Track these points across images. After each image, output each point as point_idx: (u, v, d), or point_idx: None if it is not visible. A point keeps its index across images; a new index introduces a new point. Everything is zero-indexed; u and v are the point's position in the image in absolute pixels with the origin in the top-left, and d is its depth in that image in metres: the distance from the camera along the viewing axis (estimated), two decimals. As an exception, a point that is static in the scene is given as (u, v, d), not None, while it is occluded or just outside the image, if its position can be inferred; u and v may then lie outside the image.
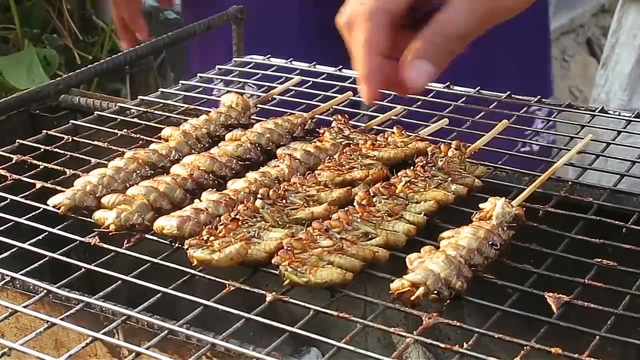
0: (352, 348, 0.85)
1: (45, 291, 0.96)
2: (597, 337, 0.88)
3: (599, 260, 1.00)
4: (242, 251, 0.96)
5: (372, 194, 1.07)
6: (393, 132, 1.25)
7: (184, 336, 0.89)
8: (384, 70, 1.05)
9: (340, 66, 1.56)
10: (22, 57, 2.42)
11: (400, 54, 1.06)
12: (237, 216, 1.02)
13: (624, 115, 1.37)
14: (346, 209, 1.04)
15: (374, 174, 1.13)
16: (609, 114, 1.38)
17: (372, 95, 1.02)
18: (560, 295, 0.93)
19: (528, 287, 0.96)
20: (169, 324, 0.90)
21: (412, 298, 0.91)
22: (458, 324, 0.89)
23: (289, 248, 0.96)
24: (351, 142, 1.22)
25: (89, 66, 1.61)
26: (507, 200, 1.06)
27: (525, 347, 0.86)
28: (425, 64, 1.05)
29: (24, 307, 0.92)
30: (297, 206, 1.06)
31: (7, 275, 0.98)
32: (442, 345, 0.86)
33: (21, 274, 0.98)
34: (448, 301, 0.92)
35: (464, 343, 0.87)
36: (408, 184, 1.10)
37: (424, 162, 1.15)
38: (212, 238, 0.99)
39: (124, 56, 1.65)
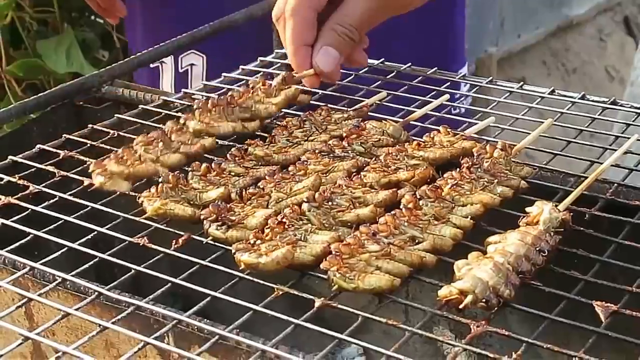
0: (402, 358, 0.86)
1: (96, 293, 0.97)
2: (646, 348, 0.88)
3: (649, 267, 0.99)
4: (289, 255, 0.97)
5: (418, 197, 1.07)
6: (439, 131, 1.25)
7: (234, 341, 0.90)
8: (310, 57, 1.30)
9: (383, 59, 1.57)
10: (62, 41, 2.43)
11: None
12: (284, 219, 1.02)
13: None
14: (393, 212, 1.04)
15: (420, 175, 1.13)
16: (654, 111, 1.37)
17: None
18: (608, 304, 0.93)
19: (575, 294, 0.96)
20: (219, 329, 0.91)
21: (460, 306, 0.91)
22: (507, 333, 0.90)
23: (337, 253, 0.96)
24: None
25: (131, 57, 1.62)
26: (554, 205, 1.06)
27: (574, 358, 0.87)
28: (329, 50, 1.30)
29: (76, 309, 0.93)
30: (343, 208, 1.07)
31: (58, 276, 0.99)
32: (491, 355, 0.86)
33: (72, 275, 0.99)
34: (495, 309, 0.93)
35: (512, 353, 0.87)
36: (454, 186, 1.10)
37: (470, 163, 1.14)
38: (259, 242, 0.99)
39: (165, 47, 1.66)
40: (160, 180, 1.11)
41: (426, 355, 1.39)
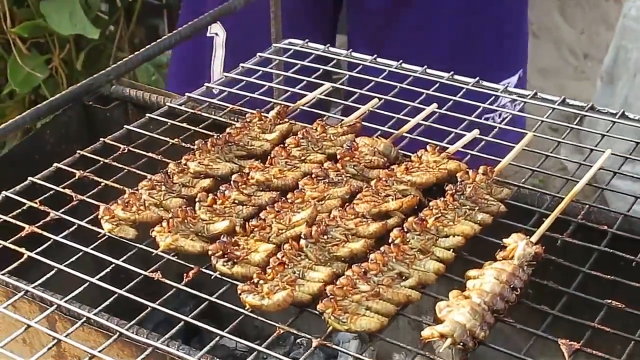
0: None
1: (117, 334, 1.09)
2: (603, 389, 1.00)
3: (609, 301, 1.11)
4: (289, 299, 1.08)
5: (405, 230, 1.18)
6: (426, 150, 1.35)
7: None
8: None
9: (376, 55, 1.65)
10: (64, 2, 2.49)
11: None
12: (284, 259, 1.13)
13: (642, 120, 1.45)
14: (382, 249, 1.15)
15: (407, 204, 1.23)
16: (629, 119, 1.46)
17: None
18: (572, 342, 1.05)
19: (543, 330, 1.08)
20: (227, 371, 1.03)
21: (441, 350, 1.04)
22: (481, 374, 1.02)
23: (331, 296, 1.08)
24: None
25: (136, 53, 1.70)
26: (528, 240, 1.16)
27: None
28: None
29: (100, 351, 1.05)
30: (337, 241, 1.17)
31: (83, 315, 1.11)
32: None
33: (95, 314, 1.11)
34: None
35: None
36: (439, 217, 1.20)
37: (454, 190, 1.25)
38: (261, 282, 1.11)
39: (169, 39, 1.74)
40: (170, 216, 1.21)
41: (414, 341, 1.52)
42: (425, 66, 1.61)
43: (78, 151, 1.41)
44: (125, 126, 1.48)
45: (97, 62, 2.78)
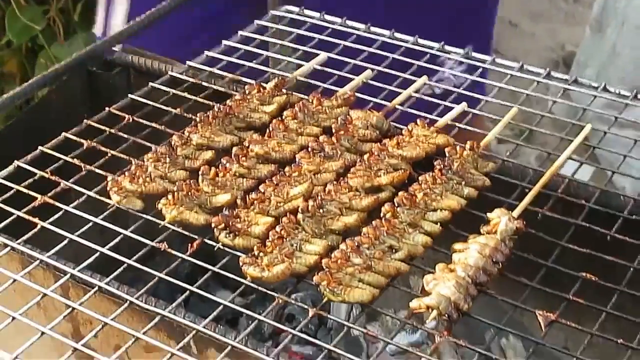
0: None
1: (127, 302, 1.17)
2: (575, 358, 1.10)
3: (584, 274, 1.20)
4: (287, 271, 1.17)
5: (396, 205, 1.26)
6: (416, 124, 1.42)
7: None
8: None
9: (369, 24, 1.71)
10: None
11: None
12: (282, 232, 1.21)
13: (624, 95, 1.52)
14: (374, 223, 1.23)
15: (398, 178, 1.31)
16: (610, 93, 1.53)
17: None
18: (548, 313, 1.14)
19: (522, 302, 1.17)
20: (230, 339, 1.12)
21: (427, 321, 1.13)
22: (464, 344, 1.11)
23: (327, 269, 1.16)
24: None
25: (136, 19, 1.75)
26: (510, 215, 1.24)
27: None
28: None
29: (112, 319, 1.14)
30: (332, 215, 1.25)
31: (95, 284, 1.19)
32: None
33: (106, 283, 1.19)
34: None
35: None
36: (427, 192, 1.28)
37: (442, 165, 1.33)
38: (261, 254, 1.19)
39: (163, 8, 1.79)
40: (175, 189, 1.28)
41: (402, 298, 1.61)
42: (417, 36, 1.67)
43: (85, 120, 1.48)
44: (130, 95, 1.55)
45: (94, 13, 2.82)
